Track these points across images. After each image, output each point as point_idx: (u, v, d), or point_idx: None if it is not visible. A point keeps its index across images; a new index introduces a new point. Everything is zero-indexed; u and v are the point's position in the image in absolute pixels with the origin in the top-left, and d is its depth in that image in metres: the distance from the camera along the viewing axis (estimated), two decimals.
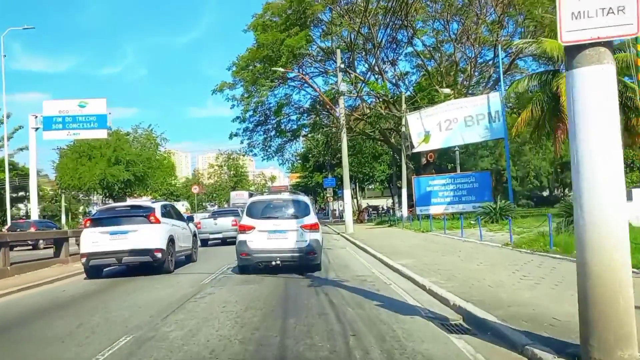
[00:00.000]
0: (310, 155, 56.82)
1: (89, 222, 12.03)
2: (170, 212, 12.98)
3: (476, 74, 31.48)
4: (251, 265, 10.73)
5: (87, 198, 67.74)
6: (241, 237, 10.64)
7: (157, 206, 12.19)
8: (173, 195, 60.85)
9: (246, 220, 10.71)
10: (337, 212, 50.61)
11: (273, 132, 37.89)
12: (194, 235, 14.73)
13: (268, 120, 37.14)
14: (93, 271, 11.34)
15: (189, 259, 14.06)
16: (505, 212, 20.38)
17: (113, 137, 41.88)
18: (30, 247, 24.92)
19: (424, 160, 32.78)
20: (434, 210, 27.41)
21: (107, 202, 45.10)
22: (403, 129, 28.94)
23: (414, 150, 28.31)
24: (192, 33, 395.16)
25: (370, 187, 68.13)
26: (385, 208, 55.71)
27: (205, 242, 21.65)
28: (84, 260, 11.16)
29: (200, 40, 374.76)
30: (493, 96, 26.60)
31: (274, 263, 10.35)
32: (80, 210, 67.41)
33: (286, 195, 12.18)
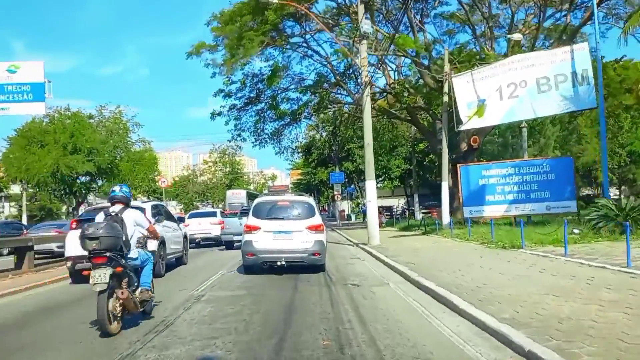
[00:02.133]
0: (313, 148, 48.87)
1: (75, 223, 11.39)
2: (161, 213, 12.50)
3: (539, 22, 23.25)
4: (256, 266, 10.41)
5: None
6: (247, 237, 10.47)
7: (148, 206, 11.65)
8: (156, 193, 52.81)
9: (252, 221, 10.59)
10: (345, 213, 42.41)
11: (268, 112, 29.86)
12: (185, 237, 14.30)
13: (261, 97, 29.08)
14: (79, 276, 9.60)
15: (180, 261, 13.52)
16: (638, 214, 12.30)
17: (71, 120, 34.04)
18: None
19: (463, 146, 24.68)
20: (490, 211, 19.43)
21: (66, 199, 37.29)
22: (445, 98, 20.87)
23: (462, 128, 20.23)
24: (194, 32, 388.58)
25: (379, 185, 59.95)
26: (400, 209, 47.75)
27: (230, 245, 18.63)
28: (69, 264, 10.60)
29: (202, 40, 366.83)
30: (579, 48, 18.52)
31: (279, 263, 10.21)
32: (63, 210, 59.57)
33: (292, 197, 12.00)
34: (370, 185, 16.58)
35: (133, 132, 36.38)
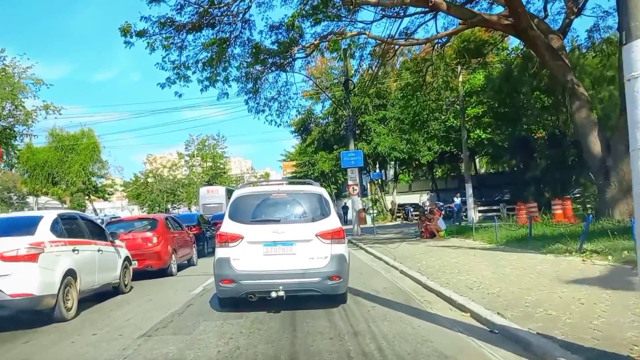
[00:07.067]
0: (310, 124, 35.60)
1: None
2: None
3: None
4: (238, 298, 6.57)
5: (22, 201, 46.81)
6: (221, 252, 6.57)
7: None
8: (99, 192, 39.48)
9: (229, 226, 6.65)
10: (364, 214, 28.96)
11: (236, 46, 16.79)
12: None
13: (217, 9, 15.85)
14: None
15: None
16: None
17: None
18: None
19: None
20: None
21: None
22: None
23: None
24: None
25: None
26: (441, 207, 34.37)
27: None
28: None
29: None
30: None
31: (274, 294, 6.35)
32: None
33: (292, 187, 7.67)
34: None
35: (31, 93, 22.92)
